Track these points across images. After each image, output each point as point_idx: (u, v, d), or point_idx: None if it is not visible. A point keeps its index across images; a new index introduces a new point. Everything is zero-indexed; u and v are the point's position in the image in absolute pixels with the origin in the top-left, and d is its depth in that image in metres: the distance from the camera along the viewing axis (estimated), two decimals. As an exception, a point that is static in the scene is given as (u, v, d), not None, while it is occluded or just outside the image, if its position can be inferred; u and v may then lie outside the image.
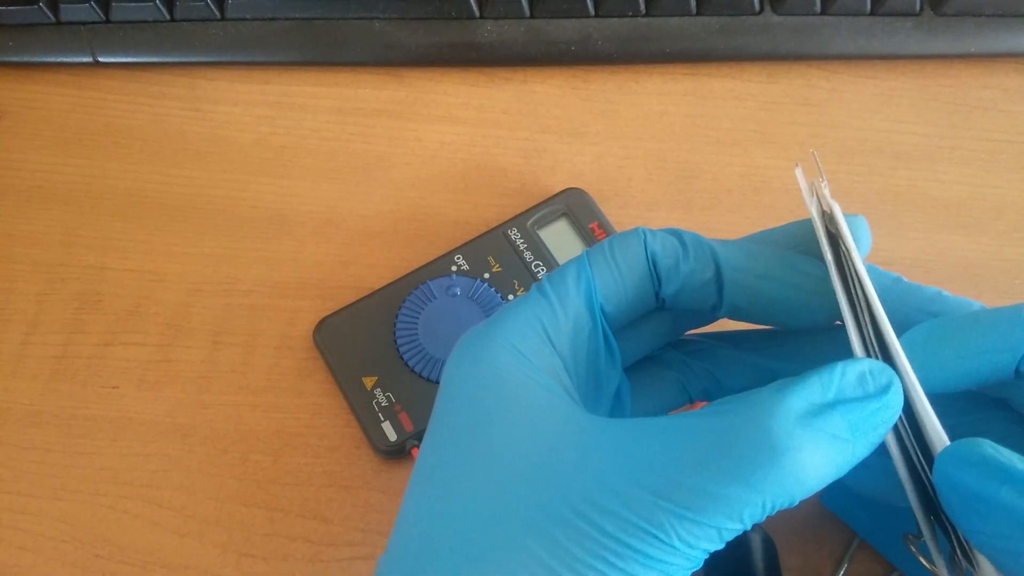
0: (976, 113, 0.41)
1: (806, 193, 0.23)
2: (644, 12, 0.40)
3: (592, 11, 0.41)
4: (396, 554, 0.20)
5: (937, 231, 0.39)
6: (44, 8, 0.41)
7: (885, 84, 0.42)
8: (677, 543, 0.17)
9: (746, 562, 0.30)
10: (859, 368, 0.19)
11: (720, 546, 0.18)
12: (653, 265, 0.22)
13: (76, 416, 0.35)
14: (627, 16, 0.41)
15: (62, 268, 0.38)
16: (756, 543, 0.31)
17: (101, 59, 0.41)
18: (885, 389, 0.18)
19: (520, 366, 0.20)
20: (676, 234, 0.23)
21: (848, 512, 0.32)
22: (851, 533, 0.32)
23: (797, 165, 0.24)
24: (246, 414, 0.35)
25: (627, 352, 0.24)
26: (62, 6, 0.41)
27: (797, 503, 0.18)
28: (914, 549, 0.28)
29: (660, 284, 0.22)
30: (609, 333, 0.22)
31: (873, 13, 0.41)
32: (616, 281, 0.22)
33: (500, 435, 0.20)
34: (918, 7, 0.40)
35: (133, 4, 0.41)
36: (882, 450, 0.20)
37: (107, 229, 0.39)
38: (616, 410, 0.24)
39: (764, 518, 0.18)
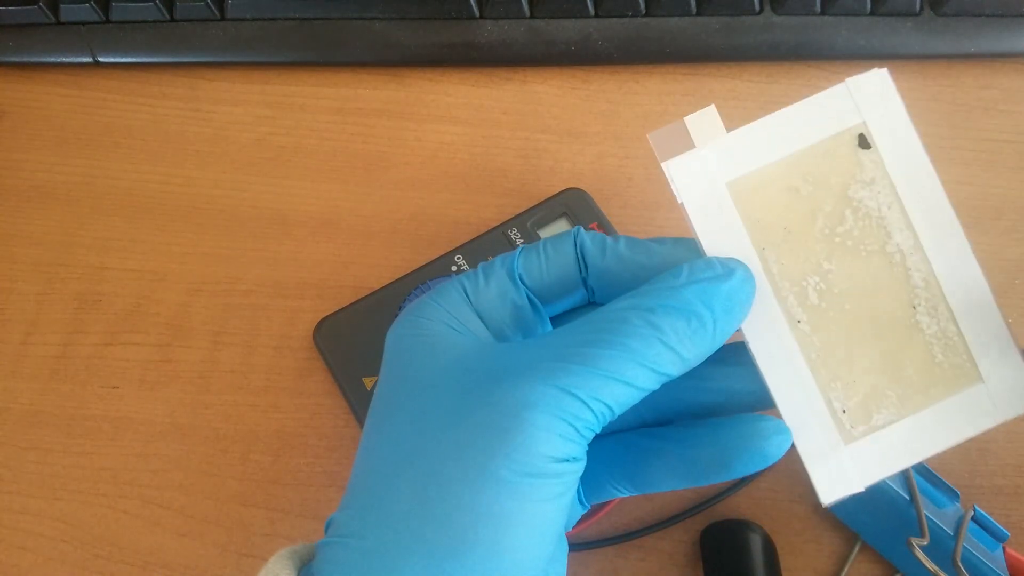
0: (976, 113, 0.41)
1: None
2: (644, 12, 0.40)
3: (592, 11, 0.40)
4: (345, 503, 0.22)
5: (937, 231, 0.39)
6: (44, 8, 0.41)
7: (885, 84, 0.42)
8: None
9: (746, 563, 0.30)
10: (707, 259, 0.22)
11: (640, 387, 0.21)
12: (582, 255, 0.25)
13: (76, 416, 0.35)
14: (627, 16, 0.41)
15: (62, 268, 0.38)
16: (756, 544, 0.31)
17: (101, 59, 0.41)
18: (731, 272, 0.22)
19: (438, 319, 0.24)
20: (610, 237, 0.25)
21: (850, 514, 0.32)
22: (852, 535, 0.32)
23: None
24: (246, 414, 0.35)
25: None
26: (62, 6, 0.41)
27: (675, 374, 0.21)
28: (917, 551, 0.28)
29: (588, 274, 0.25)
30: (533, 297, 0.25)
31: (873, 13, 0.40)
32: (539, 261, 0.25)
33: (419, 368, 0.22)
34: (918, 7, 0.40)
35: (133, 4, 0.41)
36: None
37: (107, 229, 0.39)
38: None
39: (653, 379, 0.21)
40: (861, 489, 0.23)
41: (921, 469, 0.32)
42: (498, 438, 0.19)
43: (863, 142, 0.24)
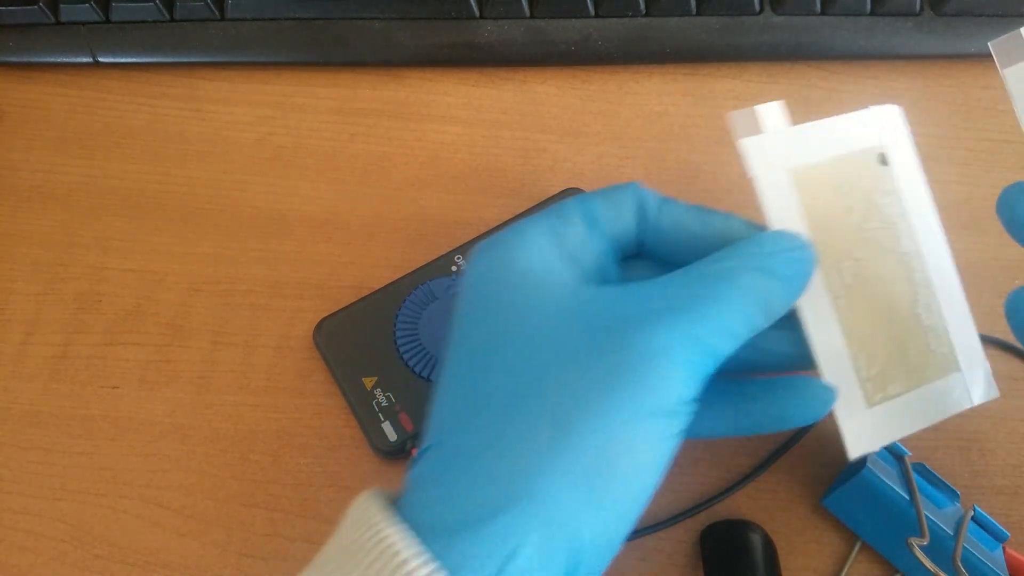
0: (976, 113, 0.41)
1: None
2: (644, 12, 0.40)
3: (592, 11, 0.41)
4: (451, 429, 0.23)
5: (937, 231, 0.39)
6: (44, 8, 0.41)
7: (885, 84, 0.42)
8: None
9: (746, 563, 0.30)
10: (781, 232, 0.26)
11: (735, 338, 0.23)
12: (640, 208, 0.26)
13: (76, 416, 0.35)
14: (627, 16, 0.41)
15: (62, 268, 0.38)
16: (756, 544, 0.31)
17: (101, 59, 0.41)
18: (804, 244, 0.25)
19: (532, 257, 0.24)
20: (665, 196, 0.27)
21: (849, 515, 0.32)
22: (852, 535, 0.32)
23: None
24: (246, 414, 0.35)
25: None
26: (62, 6, 0.41)
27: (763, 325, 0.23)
28: (916, 551, 0.28)
29: (641, 226, 0.26)
30: (608, 249, 0.26)
31: (873, 13, 0.40)
32: (605, 207, 0.26)
33: (525, 306, 0.23)
34: (918, 7, 0.40)
35: (133, 4, 0.41)
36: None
37: (107, 229, 0.39)
38: None
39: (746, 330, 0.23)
40: (876, 449, 0.27)
41: (921, 469, 0.32)
42: (636, 379, 0.21)
43: (883, 160, 0.29)
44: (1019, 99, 0.25)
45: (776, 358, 0.26)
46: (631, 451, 0.21)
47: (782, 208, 0.27)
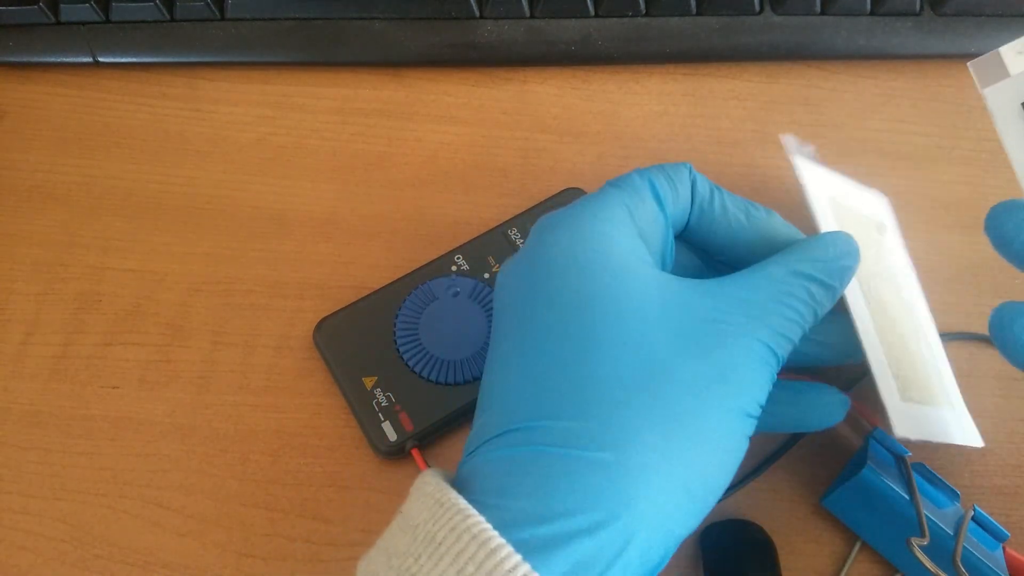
0: (976, 113, 0.41)
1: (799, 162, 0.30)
2: (644, 12, 0.40)
3: (592, 11, 0.40)
4: (531, 413, 0.22)
5: (937, 231, 0.39)
6: (44, 8, 0.41)
7: (885, 84, 0.42)
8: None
9: (746, 563, 0.30)
10: (840, 237, 0.27)
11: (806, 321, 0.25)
12: (692, 192, 0.26)
13: (76, 416, 0.35)
14: (627, 16, 0.41)
15: (62, 268, 0.38)
16: (756, 544, 0.31)
17: (101, 59, 0.41)
18: (855, 252, 0.27)
19: (615, 236, 0.24)
20: (713, 184, 0.28)
21: (849, 515, 0.32)
22: (852, 535, 0.32)
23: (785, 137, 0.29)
24: (246, 414, 0.35)
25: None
26: (62, 6, 0.41)
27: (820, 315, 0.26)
28: (916, 551, 0.28)
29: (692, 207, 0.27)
30: (671, 231, 0.26)
31: (873, 13, 0.40)
32: (668, 187, 0.26)
33: (617, 291, 0.23)
34: (918, 7, 0.40)
35: (133, 4, 0.41)
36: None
37: (107, 229, 0.39)
38: None
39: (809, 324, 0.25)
40: (914, 438, 0.28)
41: (921, 469, 0.32)
42: (732, 382, 0.22)
43: (880, 229, 0.34)
44: (999, 118, 0.25)
45: (831, 351, 0.28)
46: (721, 452, 0.22)
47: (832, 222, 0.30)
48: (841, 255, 0.26)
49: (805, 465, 0.33)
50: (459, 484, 0.22)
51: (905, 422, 0.28)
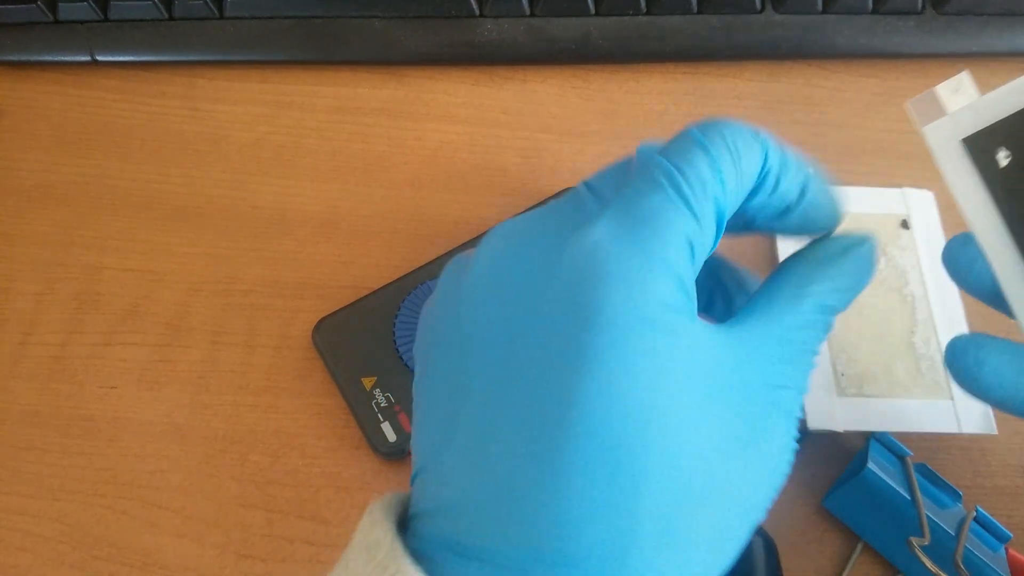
0: (978, 112, 0.41)
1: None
2: (645, 11, 0.40)
3: (592, 9, 0.40)
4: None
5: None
6: (42, 7, 0.41)
7: (887, 83, 0.42)
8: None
9: (747, 563, 0.30)
10: (870, 249, 0.22)
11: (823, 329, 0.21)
12: (763, 175, 0.20)
13: (74, 416, 0.35)
14: (627, 15, 0.40)
15: (60, 268, 0.38)
16: (757, 546, 0.31)
17: (99, 58, 0.41)
18: (873, 268, 0.22)
19: (681, 305, 0.18)
20: (801, 167, 0.21)
21: (851, 516, 0.31)
22: (854, 536, 0.32)
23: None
24: (245, 415, 0.34)
25: None
26: (60, 5, 0.41)
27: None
28: (918, 551, 0.28)
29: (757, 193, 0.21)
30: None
31: (875, 12, 0.40)
32: (736, 189, 0.19)
33: (668, 359, 0.17)
34: (920, 6, 0.40)
35: (131, 3, 0.40)
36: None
37: (106, 229, 0.38)
38: None
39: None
40: (840, 431, 0.32)
41: (923, 469, 0.32)
42: (760, 466, 0.19)
43: (905, 224, 0.37)
44: (939, 155, 0.25)
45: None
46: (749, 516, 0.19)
47: None
48: (864, 276, 0.22)
49: (806, 465, 0.33)
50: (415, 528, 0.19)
51: (824, 416, 0.32)
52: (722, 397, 0.18)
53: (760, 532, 0.31)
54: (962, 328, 0.35)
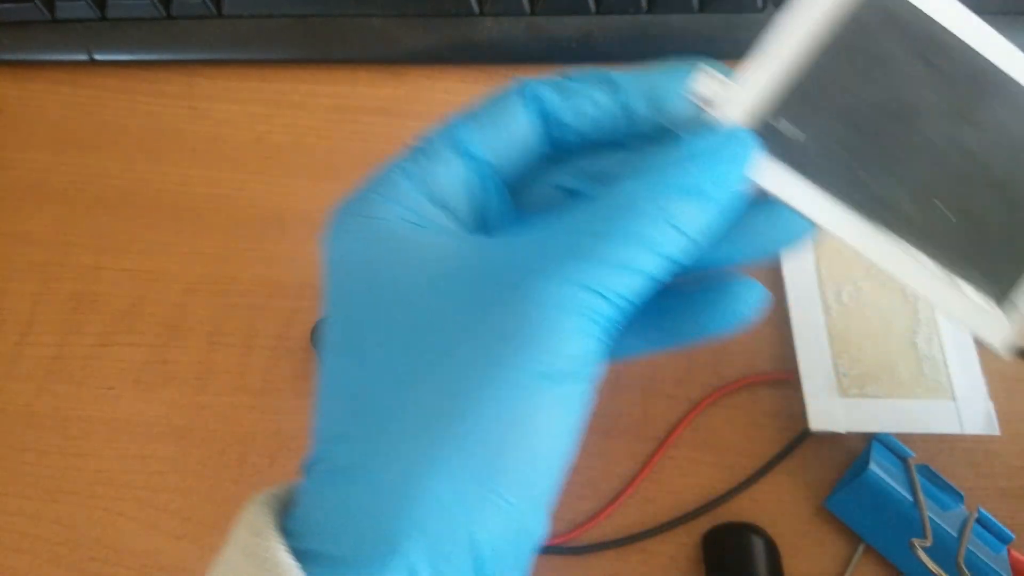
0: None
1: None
2: (646, 9, 0.40)
3: (593, 8, 0.40)
4: (330, 437, 0.20)
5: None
6: (40, 6, 0.40)
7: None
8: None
9: (749, 566, 0.30)
10: (708, 126, 0.20)
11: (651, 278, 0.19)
12: (538, 106, 0.22)
13: (71, 417, 0.34)
14: (628, 13, 0.40)
15: (57, 268, 0.37)
16: (759, 547, 0.31)
17: (97, 57, 0.41)
18: (734, 138, 0.20)
19: (394, 216, 0.21)
20: (565, 74, 0.23)
21: (853, 517, 0.31)
22: (856, 537, 0.32)
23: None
24: (243, 416, 0.34)
25: (531, 198, 0.24)
26: (58, 3, 0.40)
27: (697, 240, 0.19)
28: (919, 553, 0.27)
29: (551, 126, 0.22)
30: (492, 180, 0.22)
31: (876, 10, 0.40)
32: (490, 129, 0.21)
33: (395, 279, 0.20)
34: (922, 4, 0.40)
35: (129, 1, 0.40)
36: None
37: (103, 228, 0.38)
38: None
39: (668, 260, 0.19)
40: (842, 431, 0.32)
41: (925, 471, 0.32)
42: (522, 343, 0.18)
43: None
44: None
45: (743, 249, 0.22)
46: (528, 428, 0.18)
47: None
48: (711, 151, 0.20)
49: (808, 467, 0.33)
50: (294, 512, 0.20)
51: (826, 416, 0.32)
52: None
53: (762, 533, 0.31)
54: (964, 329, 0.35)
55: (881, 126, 0.21)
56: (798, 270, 0.36)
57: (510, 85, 0.22)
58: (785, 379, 0.34)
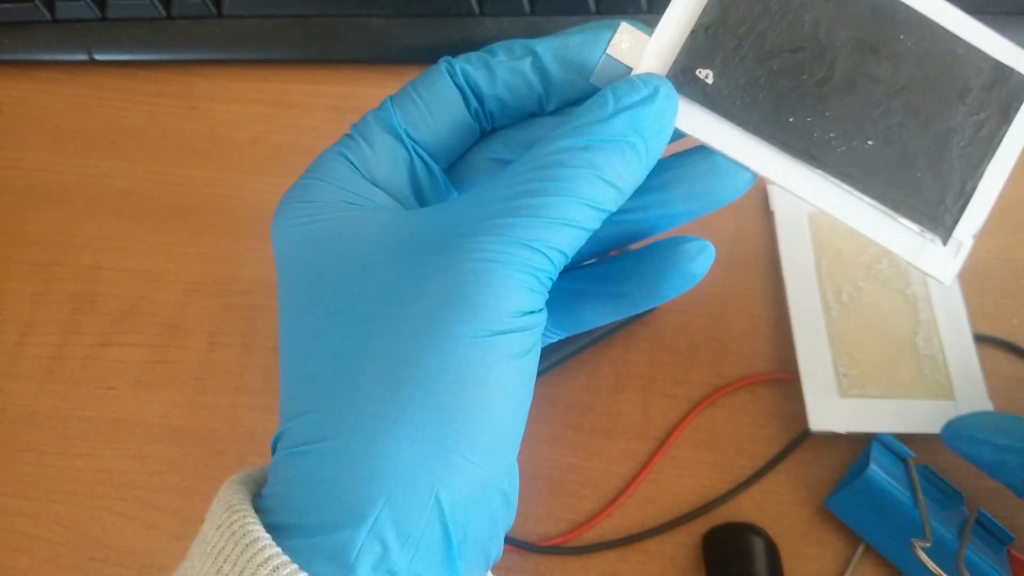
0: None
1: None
2: (646, 9, 0.40)
3: (593, 8, 0.40)
4: (291, 414, 0.20)
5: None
6: (40, 6, 0.40)
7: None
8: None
9: (749, 566, 0.30)
10: (629, 81, 0.21)
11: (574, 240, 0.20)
12: (466, 83, 0.22)
13: (72, 417, 0.34)
14: (629, 13, 0.40)
15: (57, 268, 0.37)
16: (759, 547, 0.31)
17: (97, 57, 0.41)
18: (656, 91, 0.21)
19: (334, 198, 0.22)
20: (488, 48, 0.23)
21: (853, 517, 0.31)
22: (856, 538, 0.32)
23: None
24: (243, 416, 0.34)
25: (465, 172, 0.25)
26: (58, 3, 0.40)
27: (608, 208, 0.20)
28: (919, 553, 0.27)
29: (481, 101, 0.23)
30: (427, 158, 0.23)
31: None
32: (418, 108, 0.23)
33: (339, 255, 0.21)
34: (922, 4, 0.40)
35: (129, 1, 0.40)
36: None
37: (103, 228, 0.38)
38: None
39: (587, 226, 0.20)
40: (842, 431, 0.32)
41: (925, 471, 0.32)
42: (464, 302, 0.19)
43: None
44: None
45: (663, 220, 0.23)
46: (480, 384, 0.19)
47: (791, 237, 0.35)
48: (632, 105, 0.20)
49: (808, 467, 0.33)
50: (268, 489, 0.20)
51: (826, 417, 0.32)
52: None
53: (762, 534, 0.31)
54: (965, 329, 0.34)
55: (797, 65, 0.21)
56: (798, 270, 0.35)
57: (437, 64, 0.23)
58: (785, 379, 0.34)
